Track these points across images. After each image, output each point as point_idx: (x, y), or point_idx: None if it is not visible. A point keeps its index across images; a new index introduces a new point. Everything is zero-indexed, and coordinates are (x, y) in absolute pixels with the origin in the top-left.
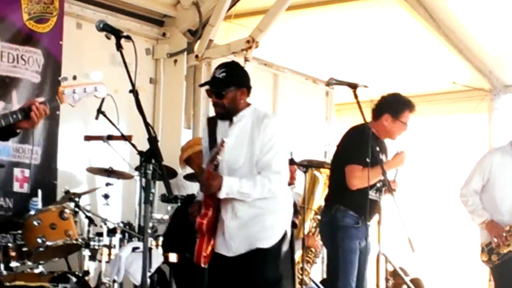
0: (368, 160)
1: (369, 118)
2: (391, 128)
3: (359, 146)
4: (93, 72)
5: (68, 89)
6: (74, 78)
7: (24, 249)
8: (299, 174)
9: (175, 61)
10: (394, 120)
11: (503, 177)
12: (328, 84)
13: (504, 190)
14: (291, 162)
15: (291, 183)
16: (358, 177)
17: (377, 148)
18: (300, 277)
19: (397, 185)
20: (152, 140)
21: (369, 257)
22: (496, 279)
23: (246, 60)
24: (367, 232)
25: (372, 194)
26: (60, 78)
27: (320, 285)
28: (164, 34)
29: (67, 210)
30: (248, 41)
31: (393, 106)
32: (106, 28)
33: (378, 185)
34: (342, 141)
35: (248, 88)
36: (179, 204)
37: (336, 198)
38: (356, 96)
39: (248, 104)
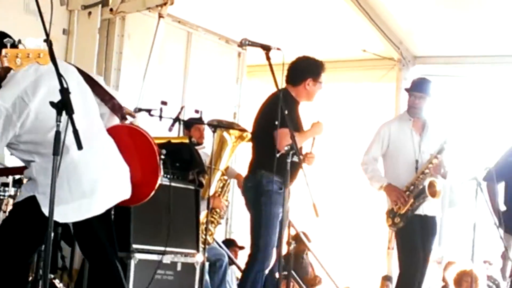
0: (276, 123)
1: (280, 81)
2: (312, 91)
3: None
4: (27, 38)
5: (11, 53)
6: (19, 42)
7: None
8: (208, 134)
9: (89, 13)
10: (315, 82)
11: (400, 143)
12: (242, 44)
13: (401, 156)
14: (200, 121)
15: (199, 142)
16: (287, 140)
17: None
18: (204, 237)
19: (314, 157)
20: (64, 91)
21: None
22: (398, 241)
23: (160, 16)
24: (288, 196)
25: (291, 157)
26: (5, 41)
27: (222, 245)
28: None
29: None
30: None
31: (313, 69)
32: None
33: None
34: (263, 108)
35: None
36: None
37: (261, 163)
38: (268, 58)
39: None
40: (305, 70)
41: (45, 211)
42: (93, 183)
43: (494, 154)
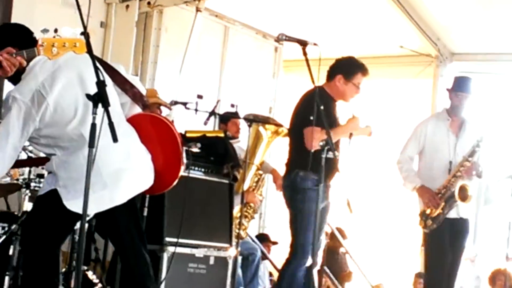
0: (311, 118)
1: (316, 76)
2: (343, 90)
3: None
4: (63, 28)
5: (47, 42)
6: (46, 31)
7: None
8: (243, 128)
9: (127, 6)
10: (347, 81)
11: (436, 143)
12: (278, 39)
13: (436, 156)
14: (236, 115)
15: (235, 136)
16: (317, 139)
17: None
18: (237, 231)
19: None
20: (100, 84)
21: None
22: (426, 241)
23: (198, 10)
24: (327, 192)
25: (327, 153)
26: (41, 30)
27: (255, 239)
28: None
29: None
30: None
31: (346, 67)
32: None
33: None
34: (298, 105)
35: None
36: None
37: (295, 162)
38: (305, 54)
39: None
40: (337, 67)
41: (67, 204)
42: (115, 174)
43: None
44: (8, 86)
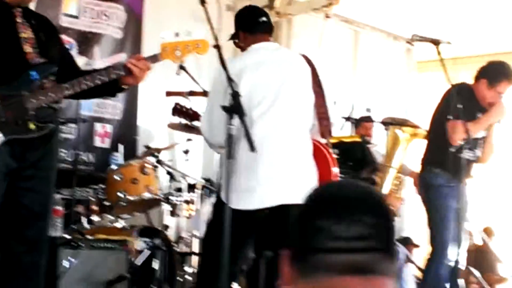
0: (449, 117)
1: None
2: (484, 95)
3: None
4: (196, 30)
5: (170, 46)
6: (177, 35)
7: (106, 203)
8: (381, 132)
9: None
10: (490, 87)
11: None
12: (412, 40)
13: None
14: (368, 119)
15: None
16: (459, 132)
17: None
18: None
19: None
20: (235, 95)
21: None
22: None
23: (327, 16)
24: (463, 192)
25: (466, 154)
26: (161, 35)
27: (397, 243)
28: None
29: (148, 165)
30: None
31: (492, 73)
32: None
33: (471, 145)
34: (439, 104)
35: None
36: None
37: (430, 159)
38: (439, 53)
39: None
40: (485, 70)
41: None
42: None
43: None
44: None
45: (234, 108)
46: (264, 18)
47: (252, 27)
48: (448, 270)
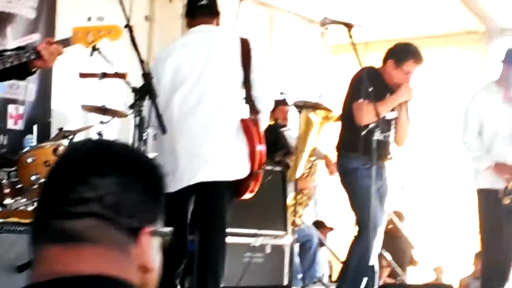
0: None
1: (363, 59)
2: (393, 75)
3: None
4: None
5: (81, 30)
6: (89, 19)
7: (18, 186)
8: (293, 115)
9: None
10: (397, 67)
11: (494, 116)
12: (323, 23)
13: (499, 130)
14: (284, 102)
15: (284, 124)
16: (366, 112)
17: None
18: (292, 218)
19: (409, 122)
20: (146, 76)
21: (387, 198)
22: (483, 222)
23: None
24: (381, 172)
25: (378, 135)
26: (87, 19)
27: (312, 226)
28: None
29: (61, 148)
30: None
31: (398, 53)
32: None
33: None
34: (349, 88)
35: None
36: None
37: (345, 144)
38: (351, 36)
39: None
40: (391, 51)
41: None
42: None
43: None
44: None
45: (145, 90)
46: (203, 2)
47: (192, 11)
48: (371, 251)
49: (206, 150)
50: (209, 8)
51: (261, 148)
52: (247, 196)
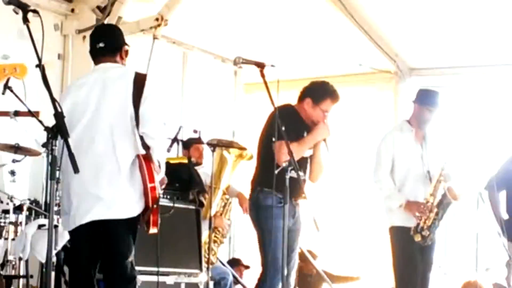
0: (273, 138)
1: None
2: (310, 113)
3: (286, 125)
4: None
5: None
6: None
7: None
8: (207, 153)
9: (84, 37)
10: (314, 106)
11: (406, 155)
12: (236, 63)
13: (411, 168)
14: (199, 141)
15: (199, 162)
16: (285, 153)
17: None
18: (207, 256)
19: (329, 159)
20: (59, 115)
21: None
22: (397, 258)
23: (155, 38)
24: (294, 210)
25: (292, 173)
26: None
27: (226, 264)
28: (72, 10)
29: None
30: (157, 19)
31: (316, 92)
32: (13, 2)
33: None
34: (265, 124)
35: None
36: None
37: (260, 180)
38: (263, 75)
39: None
40: (308, 90)
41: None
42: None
43: (493, 163)
44: None
45: (57, 129)
46: (101, 44)
47: (92, 53)
48: None
49: (97, 190)
50: (106, 49)
51: (151, 185)
52: (152, 230)
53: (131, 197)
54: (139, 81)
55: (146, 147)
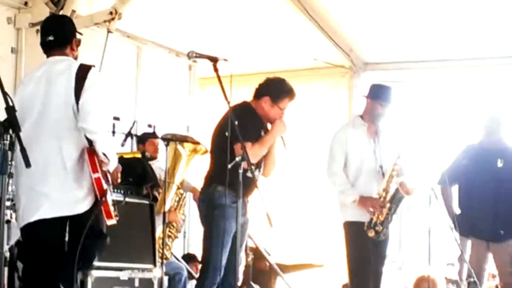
0: (226, 134)
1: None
2: (268, 111)
3: (245, 123)
4: None
5: None
6: None
7: None
8: (162, 148)
9: (37, 30)
10: (273, 104)
11: (359, 150)
12: (189, 57)
13: (364, 163)
14: (153, 135)
15: (153, 156)
16: (250, 154)
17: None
18: (161, 251)
19: (285, 154)
20: (10, 110)
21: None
22: (350, 252)
23: (109, 31)
24: (245, 209)
25: (249, 173)
26: None
27: (181, 259)
28: (26, 3)
29: None
30: (111, 13)
31: (274, 90)
32: None
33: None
34: (220, 121)
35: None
36: None
37: (215, 176)
38: (216, 70)
39: None
40: (266, 88)
41: None
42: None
43: (445, 158)
44: None
45: (8, 123)
46: (50, 38)
47: (43, 46)
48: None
49: (44, 188)
50: (55, 42)
51: (95, 175)
52: (110, 222)
53: (77, 193)
54: (82, 73)
55: (89, 141)
